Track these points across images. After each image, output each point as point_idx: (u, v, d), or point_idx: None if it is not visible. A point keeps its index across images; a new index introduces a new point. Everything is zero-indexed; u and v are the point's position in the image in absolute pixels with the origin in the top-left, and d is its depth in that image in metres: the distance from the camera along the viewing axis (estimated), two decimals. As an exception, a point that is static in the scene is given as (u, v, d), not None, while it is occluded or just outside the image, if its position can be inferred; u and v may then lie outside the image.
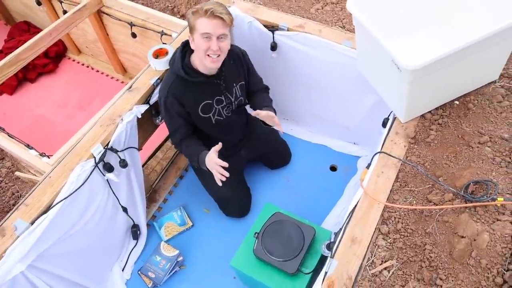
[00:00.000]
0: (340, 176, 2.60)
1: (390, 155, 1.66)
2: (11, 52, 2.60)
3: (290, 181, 2.61)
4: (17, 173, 2.12)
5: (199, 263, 2.30)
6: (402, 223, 1.48)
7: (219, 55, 1.79)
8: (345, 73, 2.22)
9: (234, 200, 2.40)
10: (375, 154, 1.71)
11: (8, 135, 2.20)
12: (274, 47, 2.35)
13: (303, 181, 2.59)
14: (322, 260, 1.88)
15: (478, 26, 1.51)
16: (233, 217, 2.45)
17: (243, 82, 2.11)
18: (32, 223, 1.63)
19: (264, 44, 2.37)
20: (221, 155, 2.22)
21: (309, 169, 2.64)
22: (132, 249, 2.33)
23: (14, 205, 2.07)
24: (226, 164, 1.84)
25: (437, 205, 1.48)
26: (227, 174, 1.84)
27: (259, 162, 2.64)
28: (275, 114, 1.99)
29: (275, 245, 1.85)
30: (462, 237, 1.39)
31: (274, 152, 2.60)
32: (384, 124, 1.93)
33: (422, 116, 1.77)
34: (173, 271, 2.24)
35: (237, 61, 2.05)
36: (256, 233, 1.92)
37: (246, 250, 1.92)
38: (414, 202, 1.52)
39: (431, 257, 1.39)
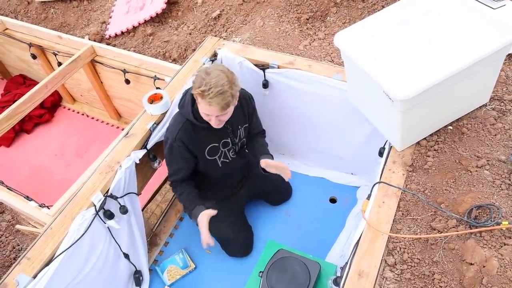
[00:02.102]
0: (340, 208, 2.59)
1: (390, 185, 1.67)
2: (8, 106, 2.65)
3: (291, 215, 2.59)
4: (18, 226, 2.10)
5: (205, 307, 2.25)
6: (408, 253, 1.47)
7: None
8: (338, 105, 2.26)
9: (236, 240, 2.38)
10: (375, 184, 1.72)
11: (7, 188, 2.20)
12: (266, 84, 2.40)
13: (304, 214, 2.58)
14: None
15: (466, 52, 1.56)
16: (236, 257, 2.41)
17: (247, 125, 2.17)
18: (35, 276, 1.61)
19: (256, 83, 2.43)
20: (222, 195, 2.23)
21: (309, 202, 2.64)
22: (136, 296, 2.27)
23: (15, 259, 2.05)
24: (211, 242, 1.94)
25: (441, 232, 1.48)
26: (212, 243, 1.95)
27: (260, 199, 2.63)
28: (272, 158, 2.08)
29: (281, 283, 1.82)
30: (471, 264, 1.38)
31: (275, 189, 2.60)
32: (380, 154, 1.96)
33: (418, 143, 1.80)
34: (178, 317, 2.18)
35: (244, 104, 2.10)
36: (260, 272, 1.89)
37: (252, 290, 1.89)
38: (418, 230, 1.52)
39: (441, 286, 1.37)
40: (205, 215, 1.95)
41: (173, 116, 2.07)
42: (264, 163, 2.00)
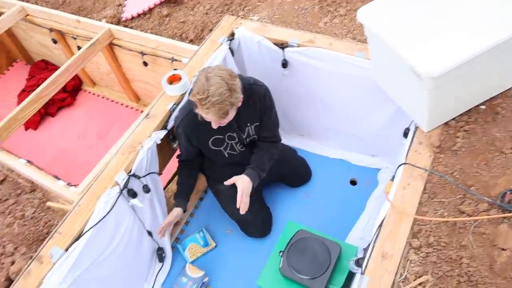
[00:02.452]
0: (361, 190, 2.56)
1: (416, 166, 1.63)
2: (33, 89, 2.72)
3: (310, 197, 2.58)
4: (49, 203, 2.20)
5: (225, 283, 2.28)
6: (434, 237, 1.44)
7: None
8: (360, 84, 2.20)
9: (255, 222, 2.38)
10: (400, 165, 1.68)
11: (38, 168, 2.28)
12: (285, 64, 2.35)
13: (324, 196, 2.56)
14: (349, 276, 1.84)
15: (499, 27, 1.46)
16: (255, 237, 2.42)
17: (258, 123, 2.08)
18: (66, 249, 1.68)
19: (275, 62, 2.38)
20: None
21: (329, 184, 2.61)
22: (159, 271, 2.33)
23: (47, 233, 2.16)
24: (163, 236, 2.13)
25: (471, 216, 1.43)
26: (160, 236, 2.11)
27: (279, 182, 2.61)
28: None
29: (301, 263, 1.83)
30: (503, 249, 1.33)
31: (293, 172, 2.57)
32: (405, 134, 1.91)
33: (446, 123, 1.72)
34: (200, 292, 2.22)
35: (257, 102, 2.01)
36: (280, 251, 1.89)
37: (272, 269, 1.90)
38: (446, 213, 1.48)
39: (469, 271, 1.33)
40: (174, 214, 2.10)
41: (185, 100, 2.07)
42: (233, 180, 2.01)
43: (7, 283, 1.92)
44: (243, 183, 2.00)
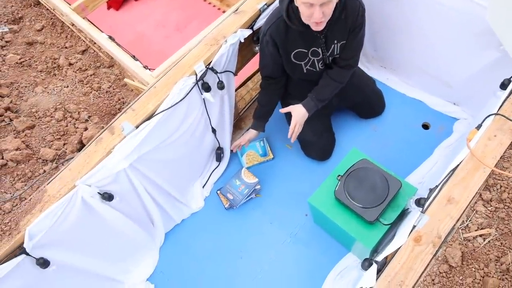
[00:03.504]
0: (431, 136, 2.45)
1: (509, 119, 1.50)
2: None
3: (377, 131, 2.51)
4: (126, 80, 2.26)
5: (275, 195, 2.37)
6: (508, 193, 1.37)
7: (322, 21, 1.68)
8: (468, 23, 1.99)
9: (317, 145, 2.38)
10: (490, 115, 1.56)
11: (117, 44, 2.33)
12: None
13: (392, 133, 2.48)
14: (401, 215, 1.84)
15: None
16: (313, 159, 2.44)
17: (345, 42, 1.95)
18: (137, 126, 1.76)
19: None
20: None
21: (399, 122, 2.52)
22: (214, 170, 2.44)
23: (119, 109, 2.25)
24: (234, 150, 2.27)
25: (557, 180, 1.34)
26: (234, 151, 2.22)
27: (350, 110, 2.55)
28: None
29: (358, 190, 1.82)
30: None
31: (367, 103, 2.49)
32: (503, 86, 1.74)
33: (554, 82, 1.57)
34: (249, 197, 2.33)
35: (349, 17, 1.85)
36: (339, 175, 1.90)
37: (326, 190, 1.92)
38: (528, 173, 1.39)
39: (537, 234, 1.29)
40: (249, 134, 2.24)
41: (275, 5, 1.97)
42: (286, 110, 2.05)
43: (79, 146, 2.06)
44: (298, 114, 2.04)
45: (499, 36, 1.76)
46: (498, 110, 1.57)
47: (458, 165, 1.48)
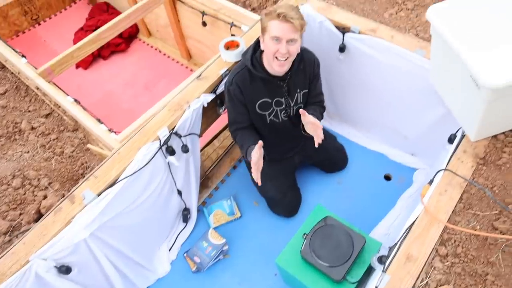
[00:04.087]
0: (394, 186, 2.53)
1: (456, 174, 1.60)
2: (91, 30, 2.79)
3: (342, 184, 2.58)
4: (89, 145, 2.26)
5: (243, 255, 2.34)
6: (462, 248, 1.43)
7: (286, 58, 1.80)
8: (414, 82, 2.15)
9: (283, 202, 2.41)
10: (439, 171, 1.65)
11: (83, 108, 2.35)
12: (342, 48, 2.31)
13: (356, 186, 2.55)
14: (368, 271, 1.86)
15: None
16: (280, 216, 2.46)
17: (307, 91, 2.09)
18: (99, 194, 1.74)
19: (332, 45, 2.35)
20: (273, 158, 2.21)
21: (363, 175, 2.60)
22: (181, 231, 2.41)
23: (82, 174, 2.22)
24: (258, 180, 1.84)
25: (504, 234, 1.41)
26: (259, 183, 1.84)
27: (314, 166, 2.61)
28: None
29: (323, 249, 1.84)
30: (531, 273, 1.31)
31: (330, 159, 2.57)
32: (450, 140, 1.86)
33: (495, 136, 1.69)
34: (217, 259, 2.29)
35: (307, 68, 2.02)
36: (305, 234, 1.92)
37: (293, 250, 1.93)
38: (478, 227, 1.46)
39: (492, 289, 1.33)
40: (257, 149, 1.82)
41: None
42: (303, 112, 1.83)
43: (37, 216, 2.00)
44: (313, 117, 1.90)
45: (441, 96, 1.91)
46: (447, 165, 1.66)
47: (414, 221, 1.53)
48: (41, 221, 1.67)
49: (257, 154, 1.81)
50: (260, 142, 1.80)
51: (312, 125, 1.87)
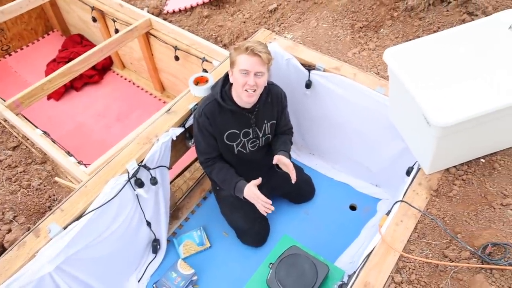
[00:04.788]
0: (358, 216, 2.62)
1: (411, 205, 1.69)
2: (63, 61, 2.83)
3: (309, 214, 2.65)
4: (56, 179, 2.25)
5: (213, 285, 2.35)
6: (416, 275, 1.51)
7: (255, 90, 1.90)
8: (375, 117, 2.28)
9: (251, 232, 2.45)
10: (396, 202, 1.75)
11: (52, 140, 2.36)
12: (308, 85, 2.44)
13: (322, 216, 2.63)
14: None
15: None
16: (249, 246, 2.49)
17: (275, 122, 2.19)
18: (65, 228, 1.74)
19: (299, 81, 2.47)
20: None
21: (329, 205, 2.68)
22: (150, 262, 2.40)
23: (49, 207, 2.19)
24: (269, 201, 1.98)
25: (453, 261, 1.50)
26: (273, 208, 1.97)
27: (281, 197, 2.68)
28: (290, 159, 2.11)
29: (288, 278, 1.89)
30: (475, 298, 1.40)
31: (297, 191, 2.63)
32: (408, 173, 1.97)
33: (447, 170, 1.81)
34: (186, 290, 2.29)
35: (274, 100, 2.14)
36: (271, 263, 1.97)
37: (259, 279, 1.97)
38: (430, 255, 1.55)
39: (442, 313, 1.41)
40: (252, 186, 2.05)
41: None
42: (277, 159, 2.05)
43: (0, 250, 1.93)
44: (286, 158, 2.08)
45: (399, 131, 2.03)
46: (403, 197, 1.76)
47: (372, 250, 1.61)
48: (3, 256, 1.65)
49: (257, 191, 2.00)
50: (258, 180, 2.00)
51: (284, 166, 2.04)
